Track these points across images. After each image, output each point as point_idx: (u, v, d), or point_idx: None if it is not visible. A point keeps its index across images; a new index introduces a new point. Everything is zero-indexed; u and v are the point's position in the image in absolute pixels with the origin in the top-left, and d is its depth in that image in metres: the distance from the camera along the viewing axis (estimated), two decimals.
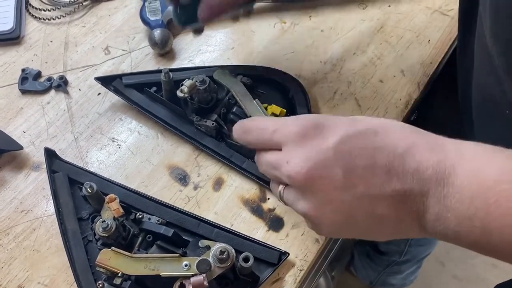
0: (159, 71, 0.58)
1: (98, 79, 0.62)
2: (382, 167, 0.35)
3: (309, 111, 0.59)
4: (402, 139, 0.36)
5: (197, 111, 0.58)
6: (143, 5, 0.70)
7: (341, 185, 0.36)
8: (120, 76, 0.62)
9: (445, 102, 0.76)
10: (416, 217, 0.35)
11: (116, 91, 0.62)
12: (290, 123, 0.39)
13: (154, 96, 0.61)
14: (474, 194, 0.32)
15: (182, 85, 0.56)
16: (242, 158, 0.57)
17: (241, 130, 0.44)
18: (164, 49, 0.66)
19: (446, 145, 0.35)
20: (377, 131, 0.36)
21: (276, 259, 0.50)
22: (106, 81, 0.62)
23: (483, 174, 0.32)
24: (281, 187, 0.41)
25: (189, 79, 0.56)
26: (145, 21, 0.69)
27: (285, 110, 0.55)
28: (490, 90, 0.48)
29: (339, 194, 0.36)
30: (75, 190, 0.54)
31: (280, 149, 0.39)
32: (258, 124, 0.42)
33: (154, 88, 0.61)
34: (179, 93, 0.56)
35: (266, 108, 0.55)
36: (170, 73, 0.57)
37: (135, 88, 0.62)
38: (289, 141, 0.38)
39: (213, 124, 0.57)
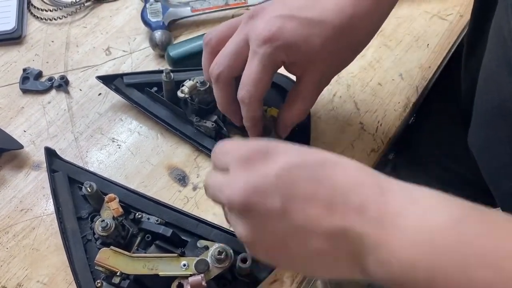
0: (160, 71, 0.59)
1: (100, 78, 0.62)
2: (323, 200, 0.33)
3: (309, 114, 0.59)
4: (349, 175, 0.34)
5: (197, 112, 0.59)
6: (144, 6, 0.70)
7: (278, 214, 0.34)
8: (121, 76, 0.63)
9: (442, 106, 0.76)
10: (356, 259, 0.33)
11: (117, 90, 0.62)
12: (240, 147, 0.38)
13: (154, 96, 0.61)
14: (418, 240, 0.30)
15: (182, 85, 0.57)
16: None
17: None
18: (164, 51, 0.67)
19: (394, 187, 0.34)
20: (326, 164, 0.35)
21: None
22: (108, 80, 0.62)
23: (429, 220, 0.31)
24: (226, 208, 0.39)
25: (189, 80, 0.57)
26: (146, 22, 0.69)
27: None
28: (500, 83, 0.48)
29: (275, 223, 0.35)
30: (75, 189, 0.54)
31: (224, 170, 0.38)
32: (221, 148, 0.41)
33: (155, 88, 0.61)
34: (179, 94, 0.57)
35: (265, 111, 0.56)
36: (171, 73, 0.57)
37: (136, 88, 0.62)
38: (235, 164, 0.37)
39: (212, 125, 0.57)
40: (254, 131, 0.51)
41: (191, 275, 0.44)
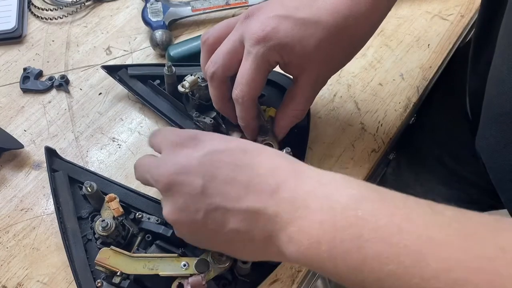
0: (164, 65, 0.59)
1: (105, 67, 0.63)
2: (241, 182, 0.37)
3: (309, 113, 0.59)
4: (267, 160, 0.38)
5: (197, 107, 0.59)
6: (145, 6, 0.70)
7: (198, 194, 0.38)
8: (126, 66, 0.63)
9: (443, 106, 0.76)
10: (270, 238, 0.36)
11: (121, 81, 0.63)
12: (174, 133, 0.42)
13: (156, 89, 0.62)
14: (324, 218, 0.33)
15: (184, 80, 0.57)
16: None
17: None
18: (165, 50, 0.66)
19: (307, 171, 0.37)
20: (247, 150, 0.38)
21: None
22: (112, 70, 0.63)
23: (334, 200, 0.34)
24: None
25: (191, 75, 0.57)
26: (146, 22, 0.69)
27: None
28: (510, 88, 0.48)
29: (195, 202, 0.38)
30: (75, 189, 0.54)
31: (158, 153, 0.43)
32: (156, 132, 0.45)
33: (158, 81, 0.62)
34: (180, 88, 0.57)
35: (264, 110, 0.56)
36: (173, 67, 0.58)
37: (140, 80, 0.63)
38: (165, 148, 0.41)
39: (210, 121, 0.58)
40: (249, 130, 0.51)
41: (191, 275, 0.44)
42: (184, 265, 0.45)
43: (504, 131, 0.50)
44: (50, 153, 0.56)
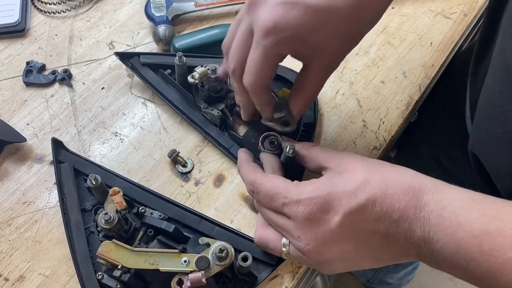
0: (175, 55, 0.59)
1: (118, 54, 0.64)
2: (381, 234, 0.41)
3: (315, 112, 0.59)
4: (396, 205, 0.40)
5: (206, 98, 0.60)
6: (148, 0, 0.70)
7: (348, 251, 0.42)
8: (138, 54, 0.64)
9: (445, 104, 0.76)
10: (409, 255, 0.42)
11: (133, 68, 0.63)
12: (299, 201, 0.42)
13: (167, 78, 0.62)
14: (454, 252, 0.38)
15: (194, 71, 0.57)
16: None
17: (250, 187, 0.47)
18: (168, 45, 0.67)
19: (430, 205, 0.40)
20: (377, 201, 0.40)
21: (275, 260, 0.50)
22: (125, 57, 0.64)
23: (459, 235, 0.38)
24: (284, 242, 0.46)
25: (201, 67, 0.57)
26: (149, 17, 0.69)
27: None
28: (503, 110, 0.48)
29: (346, 255, 0.43)
30: (80, 181, 0.55)
31: (288, 216, 0.44)
32: (268, 188, 0.45)
33: (169, 71, 0.62)
34: (189, 79, 0.57)
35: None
36: (184, 57, 0.58)
37: (151, 68, 0.64)
38: (297, 219, 0.42)
39: (218, 113, 0.58)
40: (265, 112, 0.51)
41: (191, 272, 0.44)
42: (185, 261, 0.45)
43: (497, 150, 0.50)
44: (57, 144, 0.56)
